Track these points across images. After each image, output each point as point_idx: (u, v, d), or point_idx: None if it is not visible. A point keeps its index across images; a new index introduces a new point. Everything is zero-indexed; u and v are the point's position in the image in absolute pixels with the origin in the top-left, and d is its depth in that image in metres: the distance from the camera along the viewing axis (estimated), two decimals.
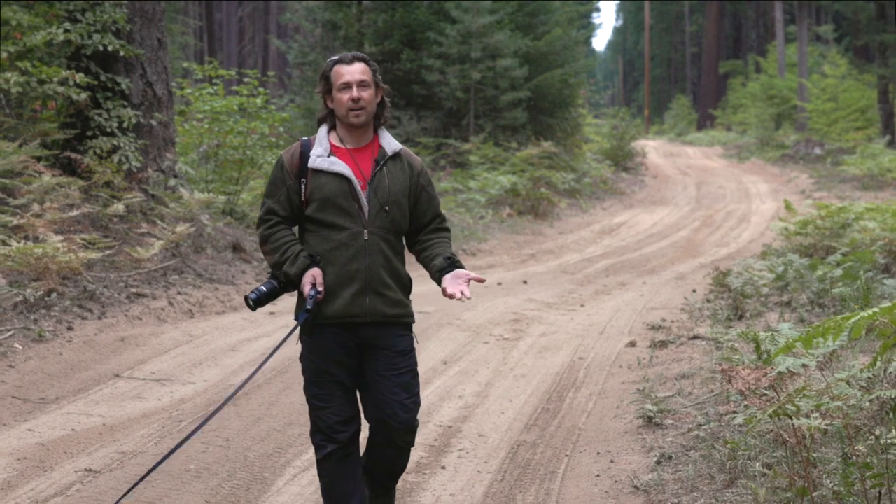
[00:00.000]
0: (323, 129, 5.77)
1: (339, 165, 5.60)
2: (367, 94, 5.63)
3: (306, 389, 5.72)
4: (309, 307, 5.54)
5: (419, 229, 5.87)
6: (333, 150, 5.68)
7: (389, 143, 5.77)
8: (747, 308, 12.14)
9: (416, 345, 5.86)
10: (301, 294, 5.68)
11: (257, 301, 5.66)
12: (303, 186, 5.65)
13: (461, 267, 5.72)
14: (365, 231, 5.58)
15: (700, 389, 9.05)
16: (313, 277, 5.57)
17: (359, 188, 5.59)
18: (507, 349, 11.24)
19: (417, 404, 5.75)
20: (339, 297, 5.57)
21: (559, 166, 28.83)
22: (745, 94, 57.10)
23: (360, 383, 5.74)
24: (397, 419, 5.66)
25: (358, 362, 5.69)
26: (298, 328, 5.71)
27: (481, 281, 5.65)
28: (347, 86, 5.62)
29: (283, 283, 5.70)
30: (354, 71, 5.66)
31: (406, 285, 5.78)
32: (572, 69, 31.21)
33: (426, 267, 5.82)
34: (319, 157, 5.62)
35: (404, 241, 5.88)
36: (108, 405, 8.88)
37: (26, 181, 13.22)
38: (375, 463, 5.88)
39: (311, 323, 5.60)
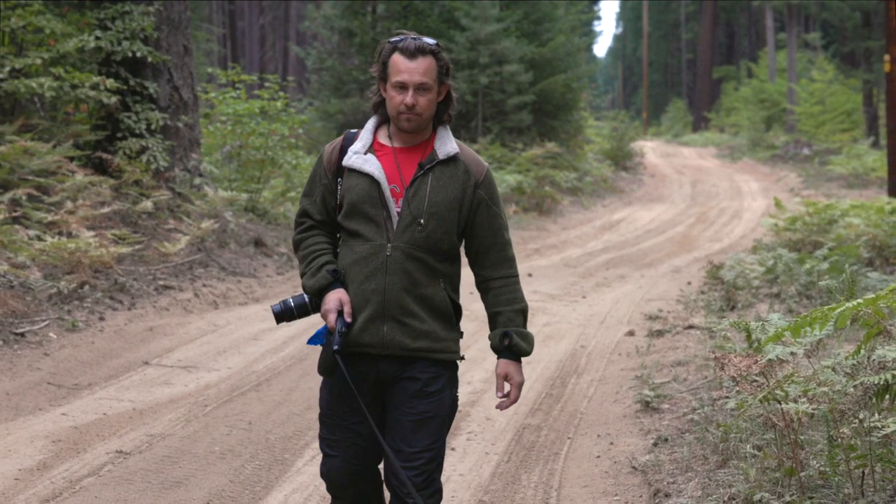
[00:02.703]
0: (371, 122, 4.61)
1: (371, 165, 4.46)
2: (424, 100, 4.41)
3: (320, 427, 4.62)
4: (336, 346, 4.33)
5: (480, 258, 4.61)
6: (376, 148, 4.53)
7: (445, 144, 4.52)
8: (739, 299, 12.14)
9: (452, 389, 4.59)
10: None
11: (279, 314, 4.54)
12: (339, 187, 4.54)
13: (516, 352, 4.53)
14: (388, 245, 4.41)
15: (694, 376, 9.06)
16: (340, 303, 4.42)
17: (388, 194, 4.43)
18: None
19: (432, 460, 4.47)
20: (353, 322, 4.43)
21: (562, 166, 28.80)
22: (737, 97, 57.00)
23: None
24: (398, 476, 4.40)
25: (379, 402, 4.54)
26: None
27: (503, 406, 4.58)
28: (403, 86, 4.40)
29: (316, 300, 4.54)
30: (415, 70, 4.38)
31: (445, 314, 4.52)
32: (575, 74, 31.20)
33: (488, 315, 4.66)
34: (355, 154, 4.49)
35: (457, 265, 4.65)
36: (137, 391, 8.90)
37: (60, 180, 13.25)
38: None
39: (334, 364, 4.41)
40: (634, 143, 40.71)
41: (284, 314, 4.54)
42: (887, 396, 4.99)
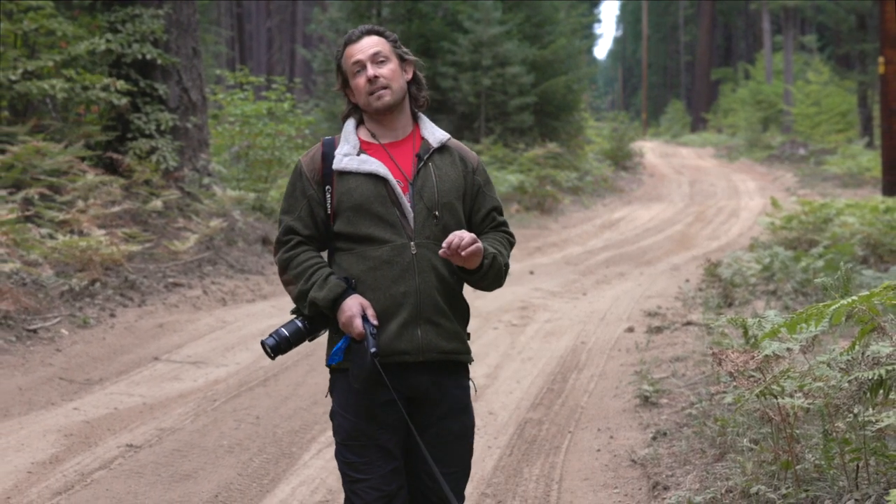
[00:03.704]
0: (350, 124, 4.28)
1: (372, 163, 4.11)
2: (386, 70, 4.16)
3: (338, 454, 4.14)
4: (373, 349, 3.94)
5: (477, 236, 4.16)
6: (364, 147, 4.19)
7: (433, 132, 4.27)
8: (736, 296, 12.13)
9: (473, 393, 4.34)
10: (333, 332, 4.16)
11: (276, 348, 4.14)
12: (328, 195, 4.15)
13: (491, 257, 4.13)
14: (412, 243, 4.06)
15: (693, 371, 9.06)
16: (362, 307, 4.02)
17: (399, 190, 4.09)
18: (514, 334, 11.25)
19: (464, 475, 4.27)
20: (384, 330, 4.03)
21: (563, 166, 28.78)
22: (735, 99, 56.91)
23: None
24: (437, 496, 4.16)
25: (404, 417, 4.08)
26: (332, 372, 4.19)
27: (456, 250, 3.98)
28: (360, 65, 4.17)
29: (310, 322, 4.16)
30: (364, 46, 4.17)
31: (464, 313, 4.25)
32: (575, 76, 31.18)
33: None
34: (347, 157, 4.14)
35: None
36: (147, 386, 8.92)
37: (71, 179, 13.27)
38: None
39: (371, 375, 3.96)
40: (634, 144, 40.65)
41: (280, 345, 4.15)
42: (881, 391, 4.99)
